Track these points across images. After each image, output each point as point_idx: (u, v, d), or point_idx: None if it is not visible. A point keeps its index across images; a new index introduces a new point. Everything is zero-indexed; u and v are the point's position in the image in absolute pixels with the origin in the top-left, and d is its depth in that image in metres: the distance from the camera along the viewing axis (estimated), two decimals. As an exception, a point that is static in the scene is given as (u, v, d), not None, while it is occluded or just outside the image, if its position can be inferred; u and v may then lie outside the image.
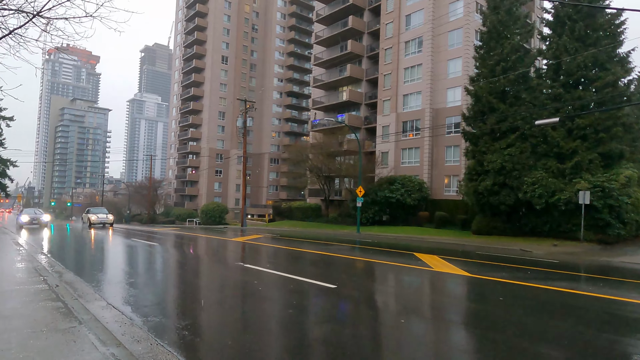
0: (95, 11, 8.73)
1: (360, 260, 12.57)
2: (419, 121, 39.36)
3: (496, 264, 12.13)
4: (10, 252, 12.15)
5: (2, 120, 48.82)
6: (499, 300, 7.01)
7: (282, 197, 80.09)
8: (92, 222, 30.27)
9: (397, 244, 19.13)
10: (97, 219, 30.57)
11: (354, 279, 9.45)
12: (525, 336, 5.04)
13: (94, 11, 8.69)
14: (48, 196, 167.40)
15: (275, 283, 8.30)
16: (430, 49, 38.55)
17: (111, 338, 4.36)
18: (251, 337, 4.95)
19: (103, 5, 7.68)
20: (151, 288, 8.03)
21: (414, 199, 34.74)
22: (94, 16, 7.81)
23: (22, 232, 23.30)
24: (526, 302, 7.04)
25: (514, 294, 7.64)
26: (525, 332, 5.23)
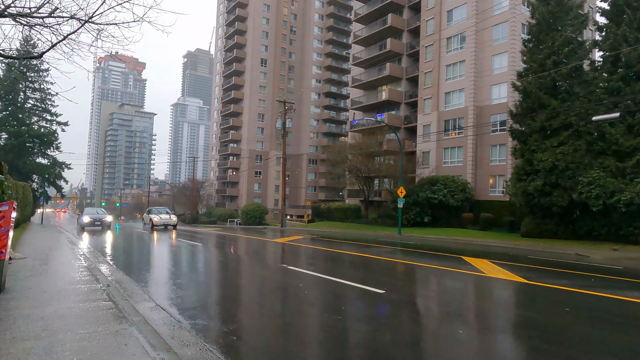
0: (143, 15, 8.90)
1: (405, 263, 12.15)
2: (461, 119, 38.09)
3: (553, 269, 11.35)
4: (67, 255, 12.66)
5: (57, 126, 51.89)
6: (567, 312, 6.44)
7: (320, 197, 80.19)
8: (154, 224, 27.94)
9: (442, 247, 18.46)
10: (159, 220, 28.23)
11: (402, 283, 9.08)
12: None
13: (143, 15, 8.86)
14: (99, 197, 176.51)
15: (319, 286, 8.09)
16: (473, 44, 37.21)
17: (161, 342, 4.29)
18: (300, 346, 4.76)
19: (151, 8, 7.78)
20: (196, 289, 8.05)
21: (457, 200, 33.62)
22: (143, 19, 7.94)
23: (84, 234, 21.86)
24: (596, 314, 6.43)
25: (581, 304, 7.02)
26: (609, 351, 4.72)
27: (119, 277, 8.44)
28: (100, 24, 8.60)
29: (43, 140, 48.85)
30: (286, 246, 16.76)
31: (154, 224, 27.96)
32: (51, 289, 6.83)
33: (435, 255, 14.25)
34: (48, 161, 50.99)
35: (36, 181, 51.74)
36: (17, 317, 5.05)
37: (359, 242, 20.45)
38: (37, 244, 14.48)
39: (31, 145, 48.94)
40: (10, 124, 46.93)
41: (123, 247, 16.30)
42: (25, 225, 27.82)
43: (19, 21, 7.66)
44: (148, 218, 29.91)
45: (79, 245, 14.26)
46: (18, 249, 11.95)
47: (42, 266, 9.16)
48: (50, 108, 51.26)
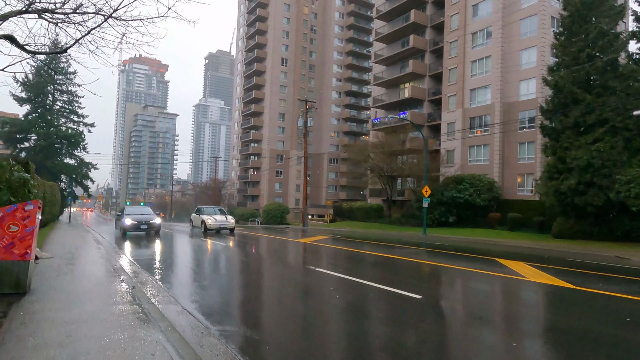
0: (167, 11, 8.69)
1: (437, 266, 11.62)
2: (487, 117, 37.03)
3: (596, 273, 10.64)
4: (93, 254, 12.63)
5: (84, 127, 53.08)
6: (629, 322, 5.87)
7: (341, 197, 79.72)
8: (208, 227, 22.87)
9: (471, 248, 17.79)
10: (213, 223, 22.98)
11: (439, 288, 8.60)
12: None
13: (167, 11, 8.65)
14: (124, 196, 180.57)
15: (350, 290, 7.70)
16: (500, 39, 36.10)
17: (190, 353, 4.00)
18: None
19: (177, 1, 7.55)
20: (222, 291, 7.78)
21: (484, 199, 32.65)
22: (168, 14, 7.72)
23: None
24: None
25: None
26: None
27: (144, 278, 8.25)
28: (125, 19, 8.45)
29: (71, 141, 49.99)
30: (310, 247, 16.43)
31: (207, 227, 22.88)
32: (76, 290, 6.66)
33: (467, 257, 13.65)
34: (75, 162, 52.17)
35: (64, 181, 53.03)
36: (41, 321, 4.85)
37: (383, 242, 19.96)
38: (64, 242, 14.59)
39: (59, 146, 50.14)
40: (40, 125, 48.20)
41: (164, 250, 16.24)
42: (53, 224, 28.37)
43: (44, 17, 7.54)
44: (199, 220, 24.62)
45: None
46: (45, 248, 11.99)
47: (69, 266, 9.07)
48: (77, 110, 52.44)
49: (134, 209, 24.46)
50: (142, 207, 26.81)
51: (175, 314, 5.48)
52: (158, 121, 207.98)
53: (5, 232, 6.02)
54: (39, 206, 6.46)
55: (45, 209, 19.51)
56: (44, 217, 19.40)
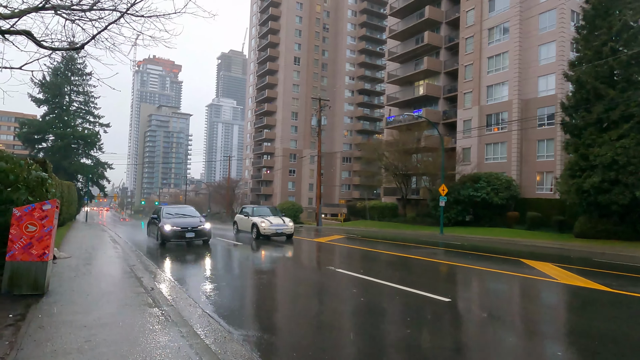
0: (183, 8, 8.53)
1: (460, 266, 11.26)
2: (505, 114, 36.28)
3: (630, 275, 10.17)
4: (110, 254, 12.57)
5: (100, 127, 53.69)
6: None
7: (354, 196, 79.33)
8: (262, 232, 18.01)
9: (492, 248, 17.34)
10: (269, 227, 18.02)
11: (467, 290, 8.26)
12: None
13: (183, 7, 8.48)
14: (139, 196, 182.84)
15: (374, 292, 7.43)
16: (517, 34, 35.32)
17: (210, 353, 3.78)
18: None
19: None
20: (242, 293, 7.58)
21: (502, 198, 31.96)
22: (186, 5, 7.56)
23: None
24: None
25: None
26: None
27: (162, 278, 8.10)
28: (141, 15, 8.31)
29: (87, 141, 50.56)
30: (328, 246, 16.18)
31: (260, 232, 18.03)
32: (95, 291, 6.53)
33: (489, 257, 13.25)
34: (91, 161, 52.76)
35: (81, 181, 53.72)
36: (60, 324, 4.69)
37: (400, 242, 19.61)
38: (81, 242, 14.61)
39: (76, 146, 50.76)
40: (57, 126, 48.85)
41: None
42: (70, 223, 28.65)
43: (60, 14, 7.42)
44: (247, 223, 19.49)
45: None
46: (63, 248, 11.97)
47: (86, 266, 8.98)
48: (93, 110, 53.07)
49: (174, 208, 17.83)
50: (183, 206, 19.35)
51: (197, 317, 5.29)
52: (172, 121, 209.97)
53: (23, 233, 5.90)
54: (57, 206, 6.34)
55: (62, 209, 19.64)
56: (62, 216, 19.53)
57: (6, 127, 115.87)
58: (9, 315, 4.85)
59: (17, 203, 6.48)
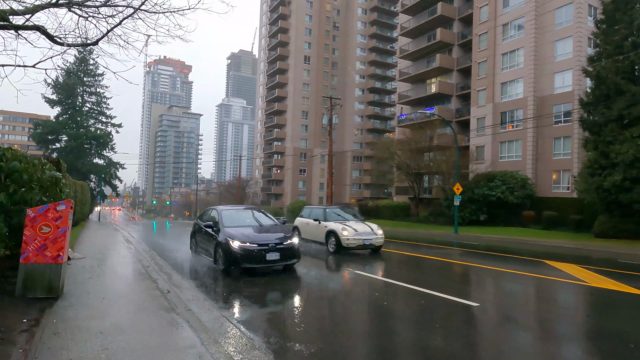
0: (197, 3, 8.32)
1: (481, 268, 10.89)
2: (520, 111, 35.61)
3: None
4: (124, 254, 12.45)
5: (112, 127, 54.10)
6: None
7: (365, 195, 78.88)
8: (345, 244, 13.08)
9: (511, 248, 16.90)
10: (354, 238, 13.04)
11: (494, 294, 7.91)
12: None
13: (197, 3, 8.29)
14: (150, 195, 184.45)
15: (398, 296, 7.15)
16: (533, 30, 34.62)
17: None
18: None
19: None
20: (263, 297, 7.35)
21: (517, 196, 31.38)
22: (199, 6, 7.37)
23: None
24: None
25: None
26: None
27: (178, 280, 7.92)
28: (155, 12, 8.14)
29: (99, 141, 50.98)
30: None
31: (342, 243, 13.11)
32: (110, 294, 6.35)
33: (511, 259, 12.86)
34: (104, 162, 53.20)
35: (93, 181, 54.19)
36: (75, 330, 4.50)
37: (416, 242, 19.27)
38: (94, 242, 14.55)
39: (88, 146, 51.21)
40: (70, 126, 49.29)
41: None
42: (83, 223, 28.79)
43: (73, 10, 7.27)
44: (320, 230, 14.20)
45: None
46: (77, 248, 11.88)
47: (100, 267, 8.84)
48: (105, 111, 53.53)
49: (236, 213, 11.35)
50: (247, 208, 12.92)
51: (212, 321, 5.07)
52: (182, 121, 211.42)
53: (37, 234, 5.74)
54: (71, 206, 6.18)
55: (76, 209, 19.67)
56: (75, 216, 19.57)
57: (21, 127, 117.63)
58: (23, 320, 4.68)
59: (31, 204, 6.33)
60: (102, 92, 53.10)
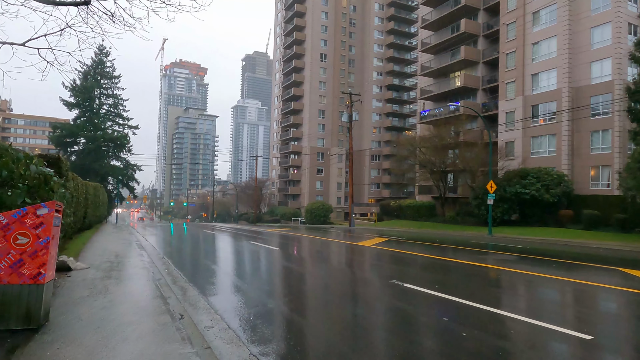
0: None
1: (555, 280, 9.09)
2: (553, 103, 33.47)
3: None
4: (135, 263, 11.22)
5: (129, 129, 53.71)
6: None
7: (384, 195, 77.06)
8: None
9: (568, 253, 15.10)
10: None
11: (600, 318, 6.14)
12: None
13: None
14: (168, 197, 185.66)
15: (474, 321, 5.55)
16: (566, 17, 32.46)
17: None
18: None
19: None
20: (296, 317, 5.92)
21: (553, 194, 29.30)
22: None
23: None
24: None
25: None
26: None
27: (193, 296, 6.54)
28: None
29: (116, 143, 50.66)
30: (377, 252, 14.31)
31: None
32: (108, 321, 4.98)
33: (577, 266, 11.16)
34: (121, 163, 52.92)
35: (111, 183, 53.90)
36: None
37: (452, 245, 17.61)
38: (105, 248, 13.32)
39: (106, 148, 50.94)
40: (88, 129, 49.06)
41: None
42: (98, 226, 27.90)
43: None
44: None
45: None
46: (83, 256, 10.66)
47: (105, 280, 7.53)
48: (122, 113, 53.21)
49: None
50: None
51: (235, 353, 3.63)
52: (198, 123, 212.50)
53: (12, 246, 4.41)
54: (58, 209, 4.84)
55: (88, 212, 18.59)
56: (88, 219, 18.51)
57: (41, 131, 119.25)
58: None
59: (11, 206, 5.03)
60: (119, 94, 52.86)
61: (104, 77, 51.87)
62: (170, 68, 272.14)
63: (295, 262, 11.90)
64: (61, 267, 8.08)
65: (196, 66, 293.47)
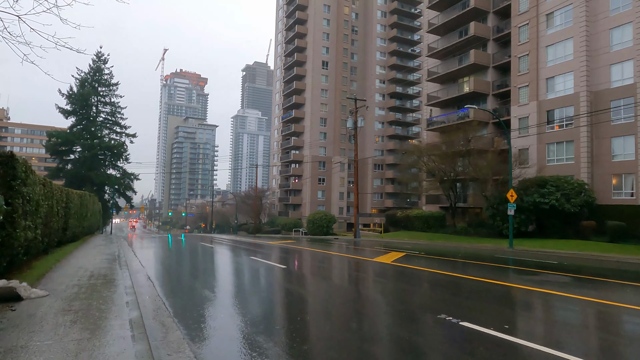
0: None
1: (626, 308, 7.36)
2: (570, 108, 31.81)
3: None
4: (109, 288, 9.30)
5: (126, 137, 52.10)
6: None
7: (387, 205, 75.16)
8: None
9: (612, 270, 13.23)
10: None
11: None
12: None
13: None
14: (167, 207, 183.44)
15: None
16: (583, 18, 30.97)
17: None
18: None
19: None
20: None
21: (574, 204, 27.45)
22: None
23: None
24: None
25: None
26: None
27: (175, 343, 4.68)
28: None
29: (113, 152, 49.17)
30: (400, 272, 12.24)
31: None
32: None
33: (635, 288, 9.30)
34: (118, 172, 51.36)
35: (108, 192, 52.15)
36: None
37: (479, 261, 15.71)
38: (80, 266, 11.33)
39: (103, 157, 49.38)
40: (84, 137, 47.58)
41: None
42: (87, 238, 25.88)
43: None
44: None
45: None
46: (49, 277, 8.75)
47: (60, 316, 5.64)
48: (120, 121, 51.75)
49: None
50: None
51: None
52: (198, 133, 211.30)
53: None
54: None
55: (71, 222, 16.71)
56: (70, 231, 16.59)
57: (38, 140, 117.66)
58: None
59: None
60: (116, 102, 51.47)
61: (102, 84, 50.49)
62: (171, 78, 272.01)
63: (307, 286, 10.00)
64: (7, 295, 6.21)
65: (196, 76, 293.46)
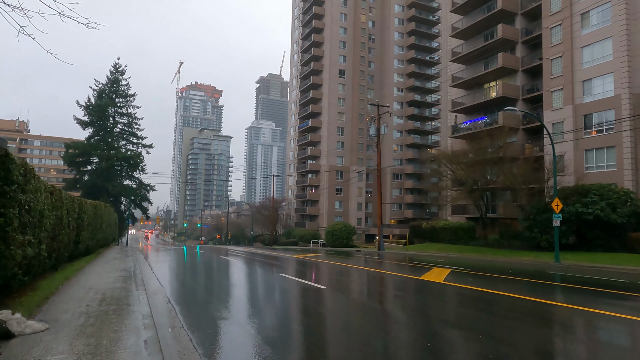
0: None
1: None
2: (610, 112, 29.83)
3: None
4: (124, 318, 7.87)
5: (143, 148, 51.65)
6: None
7: (406, 215, 73.21)
8: None
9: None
10: None
11: None
12: None
13: None
14: (182, 218, 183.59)
15: None
16: (624, 15, 29.14)
17: None
18: None
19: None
20: None
21: (621, 215, 25.31)
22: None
23: None
24: None
25: None
26: None
27: None
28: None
29: (130, 162, 48.77)
30: (460, 294, 10.13)
31: None
32: None
33: None
34: (134, 183, 50.92)
35: (124, 203, 51.61)
36: None
37: (534, 279, 13.92)
38: (91, 287, 9.90)
39: (119, 168, 49.00)
40: (101, 148, 47.37)
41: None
42: (101, 251, 24.68)
43: None
44: None
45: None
46: (52, 301, 7.37)
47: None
48: (136, 132, 51.48)
49: None
50: None
51: None
52: (213, 144, 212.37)
53: None
54: None
55: (84, 235, 15.46)
56: (82, 244, 15.33)
57: (57, 152, 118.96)
58: None
59: None
60: (133, 113, 51.26)
61: (119, 95, 50.29)
62: (186, 90, 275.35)
63: (369, 317, 8.45)
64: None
65: (211, 88, 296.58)
